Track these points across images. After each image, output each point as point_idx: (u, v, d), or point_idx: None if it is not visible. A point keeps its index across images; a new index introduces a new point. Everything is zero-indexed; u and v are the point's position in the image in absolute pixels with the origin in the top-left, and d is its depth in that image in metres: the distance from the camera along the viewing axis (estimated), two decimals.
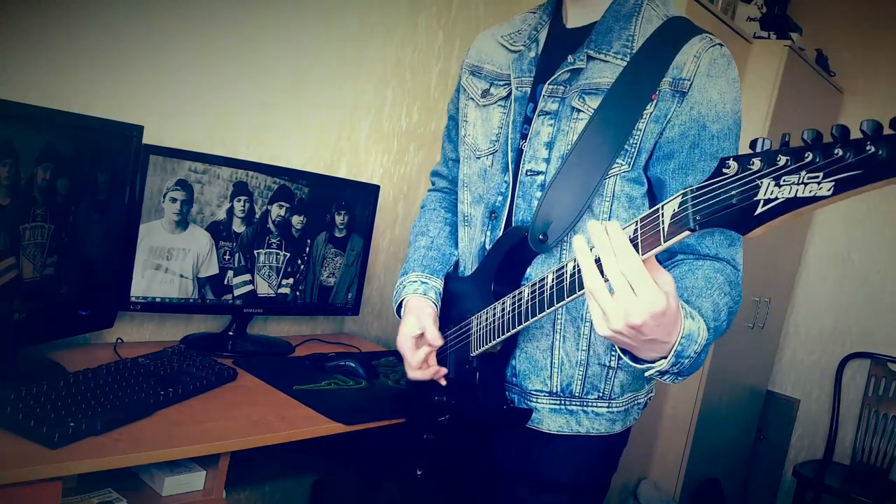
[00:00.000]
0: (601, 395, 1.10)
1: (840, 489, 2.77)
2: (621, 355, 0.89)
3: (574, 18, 1.13)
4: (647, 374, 0.86)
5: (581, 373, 1.09)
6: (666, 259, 1.07)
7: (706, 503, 2.84)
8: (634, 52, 1.04)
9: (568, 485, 1.12)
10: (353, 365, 1.64)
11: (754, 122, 2.58)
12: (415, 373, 1.14)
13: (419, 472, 1.19)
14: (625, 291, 0.76)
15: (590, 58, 1.07)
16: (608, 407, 1.11)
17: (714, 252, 1.03)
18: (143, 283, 1.53)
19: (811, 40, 3.02)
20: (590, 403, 1.10)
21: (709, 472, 2.89)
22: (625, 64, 1.04)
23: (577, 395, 1.10)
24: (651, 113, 1.01)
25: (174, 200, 1.54)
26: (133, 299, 1.52)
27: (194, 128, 1.67)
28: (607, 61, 1.05)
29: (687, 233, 0.73)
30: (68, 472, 1.01)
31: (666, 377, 0.87)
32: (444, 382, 1.16)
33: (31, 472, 0.97)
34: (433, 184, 1.42)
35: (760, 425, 3.26)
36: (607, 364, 1.10)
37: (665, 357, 0.83)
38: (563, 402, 1.10)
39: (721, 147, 1.01)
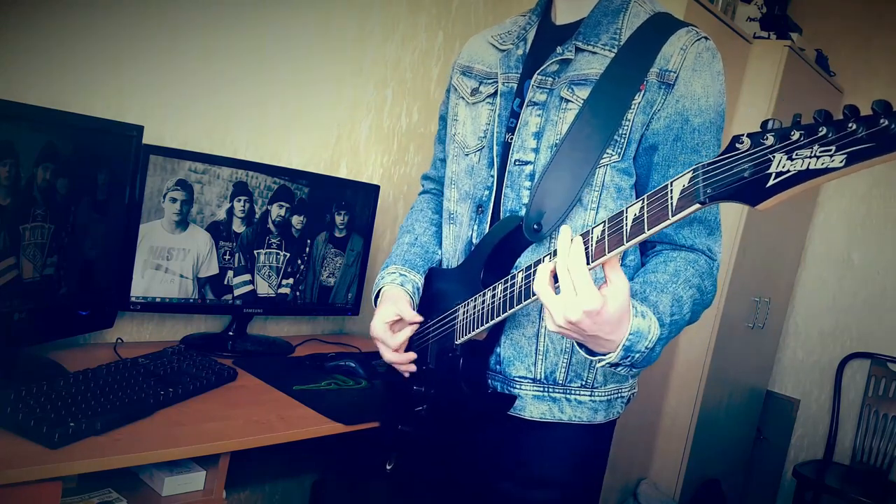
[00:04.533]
0: (584, 383, 1.11)
1: (840, 489, 2.77)
2: (577, 348, 0.95)
3: (563, 15, 1.15)
4: (598, 365, 0.93)
5: (565, 360, 1.10)
6: (649, 248, 1.10)
7: (706, 503, 2.84)
8: (622, 44, 1.06)
9: (554, 480, 1.12)
10: (353, 365, 1.64)
11: (754, 121, 2.58)
12: (392, 355, 1.15)
13: (388, 467, 1.19)
14: (568, 291, 0.85)
15: (578, 49, 1.08)
16: (591, 396, 1.12)
17: (690, 242, 1.05)
18: (143, 283, 1.53)
19: (811, 40, 3.02)
20: (573, 391, 1.11)
21: (709, 472, 2.89)
22: (613, 55, 1.05)
23: (560, 382, 1.10)
24: (639, 103, 1.03)
25: (174, 200, 1.54)
26: (133, 299, 1.52)
27: (194, 128, 1.67)
28: (595, 53, 1.07)
29: (697, 206, 0.76)
30: (68, 472, 1.01)
31: (620, 369, 0.93)
32: (412, 368, 1.16)
33: (31, 472, 0.97)
34: (423, 187, 1.44)
35: (760, 425, 3.26)
36: None
37: (613, 352, 0.89)
38: (546, 389, 1.11)
39: (702, 140, 1.04)
